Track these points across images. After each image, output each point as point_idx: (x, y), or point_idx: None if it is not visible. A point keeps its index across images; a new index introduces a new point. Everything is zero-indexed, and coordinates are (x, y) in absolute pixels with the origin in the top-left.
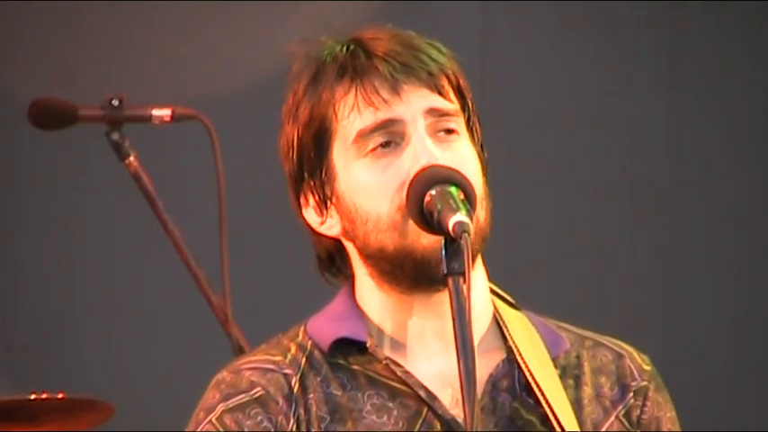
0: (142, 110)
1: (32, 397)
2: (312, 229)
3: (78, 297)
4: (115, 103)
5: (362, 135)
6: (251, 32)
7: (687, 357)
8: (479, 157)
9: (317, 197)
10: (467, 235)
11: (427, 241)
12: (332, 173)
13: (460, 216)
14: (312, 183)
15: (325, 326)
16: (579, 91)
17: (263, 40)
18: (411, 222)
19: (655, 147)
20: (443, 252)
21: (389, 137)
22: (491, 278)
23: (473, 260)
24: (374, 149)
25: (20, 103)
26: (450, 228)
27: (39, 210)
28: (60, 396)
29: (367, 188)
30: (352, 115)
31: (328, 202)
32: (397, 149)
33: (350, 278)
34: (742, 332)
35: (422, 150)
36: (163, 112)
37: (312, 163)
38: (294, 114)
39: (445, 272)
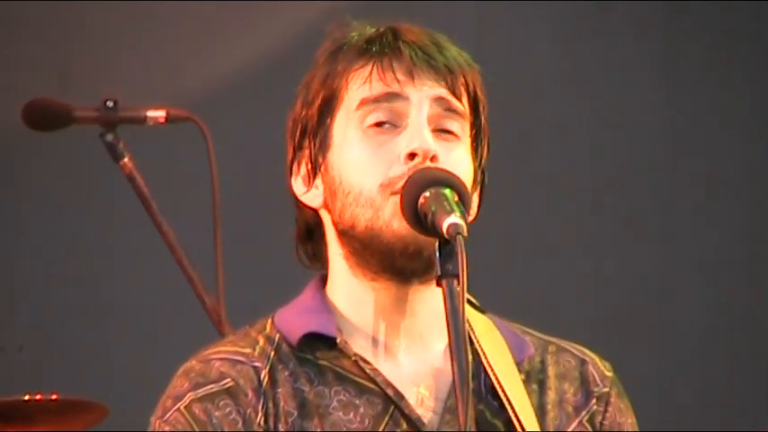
0: (137, 111)
1: (26, 398)
2: (296, 199)
3: (72, 298)
4: (110, 104)
5: (366, 103)
6: (245, 34)
7: (687, 356)
8: (475, 174)
9: (308, 166)
10: (461, 237)
11: (398, 225)
12: (328, 143)
13: (454, 218)
14: (308, 152)
15: (294, 319)
16: (576, 91)
17: (259, 40)
18: (388, 205)
19: (653, 146)
20: (437, 254)
21: (390, 115)
22: (487, 276)
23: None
24: (372, 126)
25: (14, 104)
26: (444, 229)
27: (33, 211)
28: (54, 397)
29: (356, 161)
30: (362, 86)
31: (317, 171)
32: (394, 130)
33: (324, 263)
34: (741, 332)
35: (417, 135)
36: (157, 114)
37: (313, 131)
38: (308, 85)
39: (439, 273)
